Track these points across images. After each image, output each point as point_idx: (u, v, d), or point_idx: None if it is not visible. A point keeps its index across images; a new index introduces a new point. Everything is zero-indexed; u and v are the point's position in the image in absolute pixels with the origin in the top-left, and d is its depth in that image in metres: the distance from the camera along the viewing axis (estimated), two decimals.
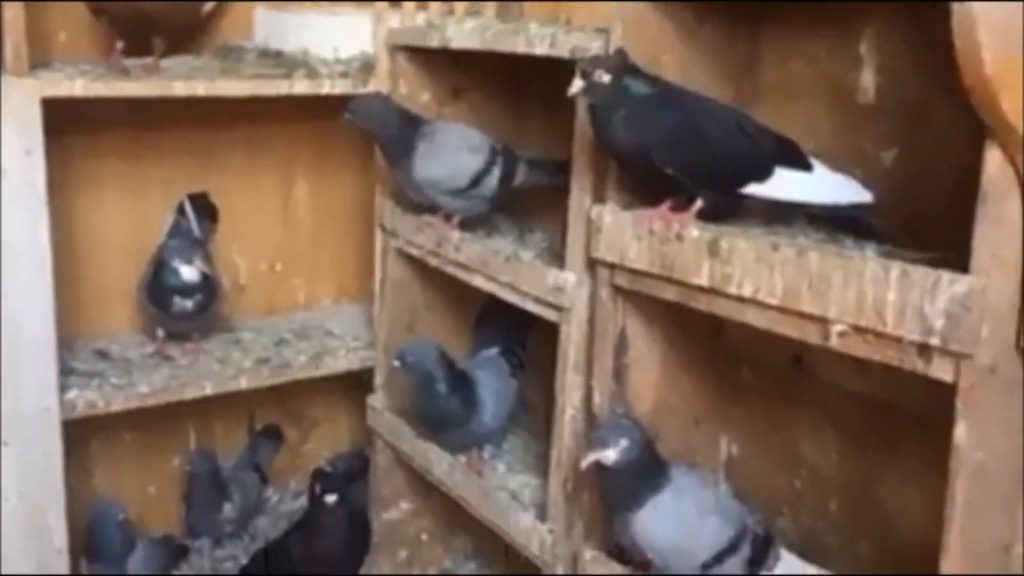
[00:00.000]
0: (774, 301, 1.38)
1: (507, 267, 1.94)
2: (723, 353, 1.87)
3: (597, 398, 1.76)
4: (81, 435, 2.45)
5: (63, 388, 2.07)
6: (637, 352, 1.76)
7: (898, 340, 1.23)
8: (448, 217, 2.12)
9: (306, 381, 2.53)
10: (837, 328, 1.30)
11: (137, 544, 2.34)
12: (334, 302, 2.79)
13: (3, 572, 2.03)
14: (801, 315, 1.35)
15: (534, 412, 2.35)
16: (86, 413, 2.10)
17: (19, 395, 1.96)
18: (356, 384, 2.57)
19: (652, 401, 1.81)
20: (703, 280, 1.48)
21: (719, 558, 1.58)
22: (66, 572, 2.12)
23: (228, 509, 2.52)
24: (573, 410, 1.82)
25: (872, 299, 1.25)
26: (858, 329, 1.28)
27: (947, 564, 1.24)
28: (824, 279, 1.31)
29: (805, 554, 1.67)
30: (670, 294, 1.56)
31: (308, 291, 2.76)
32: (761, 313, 1.41)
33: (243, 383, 2.29)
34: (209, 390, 2.25)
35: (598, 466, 1.60)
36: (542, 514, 1.93)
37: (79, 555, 2.26)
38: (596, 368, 1.76)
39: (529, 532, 1.93)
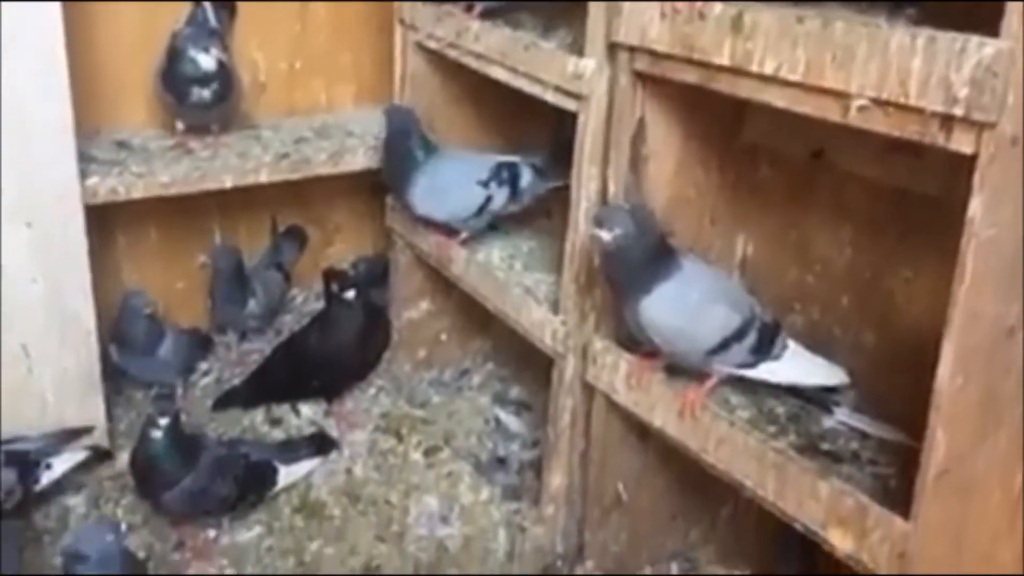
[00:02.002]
0: (796, 77, 1.33)
1: (527, 56, 1.89)
2: (742, 148, 1.84)
3: (612, 189, 1.75)
4: (108, 229, 2.50)
5: (84, 175, 2.08)
6: (655, 143, 1.73)
7: (920, 112, 1.19)
8: (469, 7, 2.05)
9: (328, 182, 2.54)
10: (858, 103, 1.26)
11: (166, 334, 2.41)
12: (355, 105, 2.75)
13: (32, 354, 2.10)
14: (822, 91, 1.31)
15: (556, 218, 2.35)
16: (107, 200, 2.12)
17: (39, 180, 1.98)
18: (378, 188, 2.57)
19: (667, 195, 1.80)
20: (725, 59, 1.43)
21: (725, 344, 1.60)
22: (95, 356, 2.20)
23: (252, 305, 2.58)
24: (588, 203, 1.81)
25: (896, 69, 1.21)
26: (879, 103, 1.24)
27: (949, 345, 1.24)
28: (848, 51, 1.26)
29: (812, 346, 1.69)
30: (691, 76, 1.52)
31: (328, 93, 2.72)
32: (782, 91, 1.37)
33: (263, 177, 2.29)
34: (229, 183, 2.25)
35: (604, 251, 1.61)
36: (555, 308, 1.95)
37: (109, 343, 2.34)
38: (612, 158, 1.74)
39: (542, 324, 1.96)
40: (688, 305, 1.58)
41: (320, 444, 2.32)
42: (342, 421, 2.41)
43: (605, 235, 1.56)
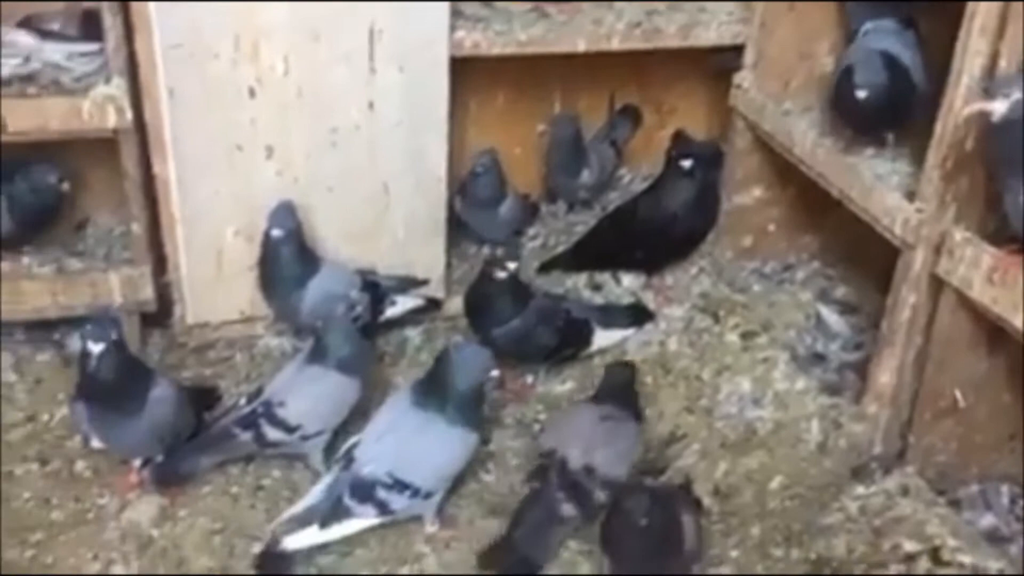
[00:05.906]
0: None
1: None
2: None
3: (1003, 64, 1.59)
4: (462, 91, 2.61)
5: (453, 28, 2.20)
6: None
7: None
8: None
9: (670, 63, 2.52)
10: None
11: (507, 194, 2.53)
12: None
13: (391, 192, 2.28)
14: None
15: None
16: (470, 53, 2.23)
17: (414, 28, 2.12)
18: (717, 73, 2.52)
19: None
20: None
21: None
22: (443, 203, 2.36)
23: (585, 175, 2.65)
24: (970, 80, 1.65)
25: None
26: None
27: None
28: None
29: None
30: None
31: None
32: None
33: (614, 43, 2.31)
34: (582, 46, 2.30)
35: (993, 126, 1.47)
36: (910, 196, 1.83)
37: (455, 196, 2.49)
38: (1009, 29, 1.57)
39: (894, 211, 1.85)
40: None
41: (637, 314, 2.37)
42: (660, 295, 2.44)
43: (998, 105, 1.42)
